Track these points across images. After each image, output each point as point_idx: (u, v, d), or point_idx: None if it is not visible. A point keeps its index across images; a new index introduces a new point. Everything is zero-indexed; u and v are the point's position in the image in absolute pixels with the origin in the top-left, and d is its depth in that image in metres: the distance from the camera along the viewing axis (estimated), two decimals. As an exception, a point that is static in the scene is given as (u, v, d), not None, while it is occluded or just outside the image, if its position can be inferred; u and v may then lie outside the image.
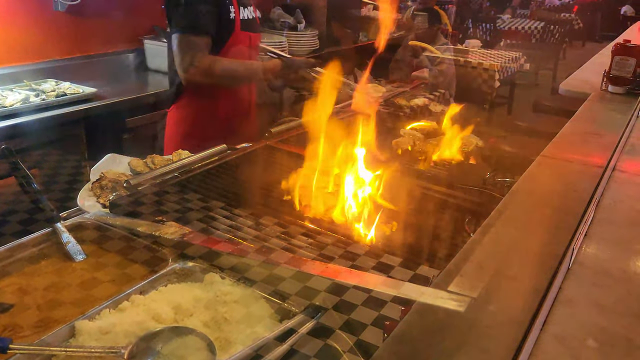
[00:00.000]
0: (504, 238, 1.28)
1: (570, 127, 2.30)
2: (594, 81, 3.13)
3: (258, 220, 1.41)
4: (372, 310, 1.09)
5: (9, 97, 2.68)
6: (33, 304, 1.15)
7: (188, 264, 1.20)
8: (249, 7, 2.38)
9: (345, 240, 1.38)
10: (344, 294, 1.10)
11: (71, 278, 1.21)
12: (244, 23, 2.32)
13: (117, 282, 1.20)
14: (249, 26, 2.36)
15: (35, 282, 1.21)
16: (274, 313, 1.11)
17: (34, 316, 1.11)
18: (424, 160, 2.02)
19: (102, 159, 1.83)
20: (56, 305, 1.13)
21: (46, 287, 1.19)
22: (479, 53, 6.08)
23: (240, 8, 2.31)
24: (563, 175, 1.71)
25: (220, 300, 1.11)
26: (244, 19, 2.32)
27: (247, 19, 2.35)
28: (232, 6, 2.25)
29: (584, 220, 1.36)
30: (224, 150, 1.86)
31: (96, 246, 1.33)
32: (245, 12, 2.34)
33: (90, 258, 1.29)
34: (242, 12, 2.32)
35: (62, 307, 1.13)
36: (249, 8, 2.38)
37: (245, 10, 2.35)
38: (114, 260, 1.27)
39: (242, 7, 2.32)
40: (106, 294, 1.15)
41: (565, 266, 1.20)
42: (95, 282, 1.20)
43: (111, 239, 1.33)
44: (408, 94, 3.80)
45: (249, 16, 2.36)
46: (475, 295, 0.95)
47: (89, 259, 1.28)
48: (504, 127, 4.00)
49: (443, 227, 1.69)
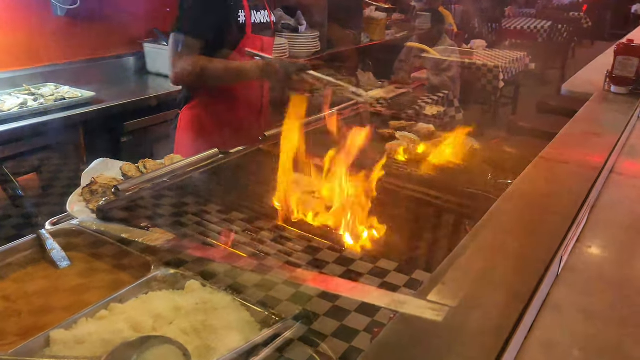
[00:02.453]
0: (493, 243, 1.26)
1: (570, 128, 2.26)
2: (598, 81, 3.09)
3: (246, 225, 1.40)
4: (364, 316, 1.07)
5: (7, 102, 2.69)
6: (16, 311, 1.14)
7: (170, 271, 1.19)
8: (262, 11, 2.37)
9: (341, 246, 1.37)
10: (329, 300, 1.08)
11: (53, 285, 1.20)
12: (256, 27, 2.31)
13: (99, 289, 1.19)
14: (261, 30, 2.35)
15: (19, 288, 1.20)
16: (255, 321, 1.09)
17: (17, 323, 1.10)
18: (420, 164, 1.99)
19: (93, 163, 1.83)
20: (37, 313, 1.12)
21: (31, 294, 1.19)
22: (484, 53, 6.04)
23: (253, 12, 2.30)
24: (559, 177, 1.68)
25: (200, 308, 1.10)
26: (256, 22, 2.32)
27: (259, 22, 2.34)
28: (242, 10, 2.24)
29: (576, 223, 1.33)
30: (216, 154, 1.85)
31: (80, 253, 1.32)
32: (257, 15, 2.33)
33: (74, 265, 1.28)
34: (254, 15, 2.31)
35: (41, 315, 1.12)
36: (262, 12, 2.37)
37: (258, 14, 2.34)
38: (97, 267, 1.26)
39: (254, 11, 2.31)
40: (87, 302, 1.14)
41: (554, 271, 1.18)
42: (77, 289, 1.19)
43: (95, 246, 1.32)
44: (409, 95, 3.77)
45: (262, 20, 2.36)
46: (455, 304, 0.93)
47: (73, 266, 1.27)
48: (507, 128, 3.97)
49: (440, 231, 1.67)
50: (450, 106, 4.43)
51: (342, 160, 1.74)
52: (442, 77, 4.41)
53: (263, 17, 2.36)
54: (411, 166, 1.92)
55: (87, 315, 1.05)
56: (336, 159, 1.78)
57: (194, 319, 1.08)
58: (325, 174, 1.69)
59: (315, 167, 1.71)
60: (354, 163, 1.81)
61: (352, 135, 1.70)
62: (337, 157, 1.80)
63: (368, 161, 1.86)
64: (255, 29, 2.29)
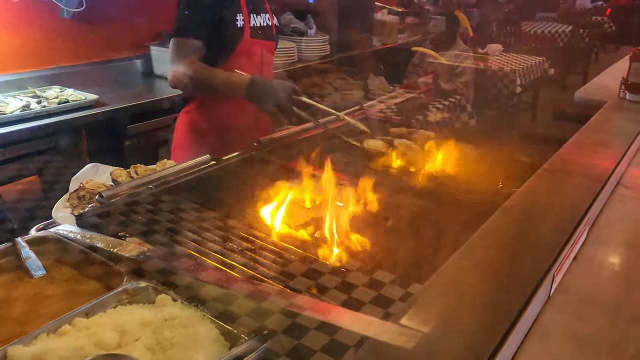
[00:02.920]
0: (482, 261, 1.19)
1: (580, 137, 2.18)
2: (613, 88, 2.99)
3: (230, 238, 1.35)
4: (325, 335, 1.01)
5: (10, 104, 2.69)
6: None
7: (141, 284, 1.15)
8: (262, 14, 2.32)
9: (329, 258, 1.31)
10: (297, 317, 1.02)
11: (19, 295, 1.17)
12: (255, 30, 2.26)
13: (68, 301, 1.15)
14: (261, 34, 2.29)
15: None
16: (224, 339, 1.04)
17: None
18: (419, 172, 1.93)
19: (84, 168, 1.80)
20: (3, 324, 1.09)
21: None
22: (500, 58, 5.92)
23: (252, 15, 2.24)
24: (560, 189, 1.60)
25: (168, 324, 1.05)
26: (255, 26, 2.26)
27: (258, 26, 2.28)
28: (240, 14, 2.19)
29: (573, 240, 1.25)
30: (207, 160, 1.81)
31: (54, 261, 1.28)
32: (257, 19, 2.28)
33: (48, 274, 1.24)
34: (254, 19, 2.26)
35: (9, 327, 1.09)
36: (262, 15, 2.31)
37: (258, 18, 2.28)
38: (68, 277, 1.23)
39: (253, 14, 2.25)
40: (53, 313, 1.10)
41: (545, 293, 1.11)
42: (45, 300, 1.15)
43: (69, 255, 1.28)
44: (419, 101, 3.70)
45: (261, 23, 2.30)
46: (428, 330, 0.87)
47: (47, 276, 1.24)
48: (521, 134, 3.86)
49: (440, 243, 1.61)
50: (463, 112, 4.34)
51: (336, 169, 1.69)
52: (454, 82, 4.32)
53: (263, 21, 2.31)
54: (408, 175, 1.86)
55: (49, 330, 1.01)
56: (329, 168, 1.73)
57: (161, 335, 1.03)
58: (317, 183, 1.64)
59: (308, 176, 1.66)
60: (348, 172, 1.76)
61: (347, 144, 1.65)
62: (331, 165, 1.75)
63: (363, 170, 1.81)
64: (254, 33, 2.24)
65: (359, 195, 1.62)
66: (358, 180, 1.65)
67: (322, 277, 1.20)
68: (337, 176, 1.65)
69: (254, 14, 2.25)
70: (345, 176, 1.73)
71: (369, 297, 1.14)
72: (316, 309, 0.96)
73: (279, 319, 1.02)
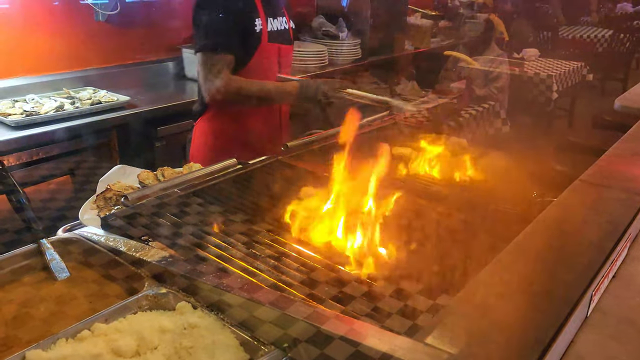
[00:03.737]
0: (514, 277, 1.13)
1: (619, 148, 2.08)
2: (655, 96, 2.87)
3: (254, 244, 1.32)
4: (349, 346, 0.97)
5: (45, 105, 2.74)
6: (3, 322, 1.11)
7: (161, 290, 1.13)
8: (279, 18, 2.31)
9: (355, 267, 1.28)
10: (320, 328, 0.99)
11: (42, 296, 1.17)
12: (273, 35, 2.25)
13: (88, 304, 1.14)
14: (278, 37, 2.29)
15: (10, 299, 1.18)
16: (243, 350, 1.01)
17: (1, 337, 1.07)
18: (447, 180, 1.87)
19: (111, 169, 1.81)
20: (19, 324, 1.09)
21: (20, 306, 1.16)
22: (536, 63, 5.78)
23: (269, 19, 2.24)
24: (598, 203, 1.52)
25: (188, 332, 1.04)
26: (273, 30, 2.26)
27: (276, 30, 2.28)
28: (258, 19, 2.19)
29: (612, 258, 1.19)
30: (234, 164, 1.79)
31: (76, 264, 1.28)
32: (274, 23, 2.27)
33: (71, 277, 1.24)
34: (271, 23, 2.25)
35: (31, 328, 1.08)
36: (279, 19, 2.31)
37: (275, 21, 2.28)
38: (89, 280, 1.22)
39: (270, 18, 2.25)
40: (73, 316, 1.09)
41: (582, 314, 1.05)
42: (67, 302, 1.15)
43: (91, 257, 1.28)
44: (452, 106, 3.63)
45: (279, 27, 2.29)
46: (456, 351, 0.82)
47: (71, 278, 1.24)
48: (557, 143, 3.75)
49: (469, 253, 1.55)
50: (496, 118, 4.24)
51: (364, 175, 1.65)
52: (488, 87, 4.22)
53: (280, 24, 2.29)
54: (438, 183, 1.81)
55: (68, 334, 1.00)
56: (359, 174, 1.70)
57: (179, 344, 1.01)
58: (344, 189, 1.61)
59: (334, 182, 1.62)
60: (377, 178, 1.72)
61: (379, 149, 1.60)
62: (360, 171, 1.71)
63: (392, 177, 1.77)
64: (271, 37, 2.23)
65: (387, 203, 1.58)
66: (386, 187, 1.61)
67: (346, 286, 1.17)
68: (364, 182, 1.61)
69: (271, 17, 2.24)
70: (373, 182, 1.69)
71: (395, 308, 1.11)
72: (339, 322, 0.92)
73: (301, 329, 0.98)
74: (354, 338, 0.86)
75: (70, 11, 3.15)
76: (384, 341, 0.86)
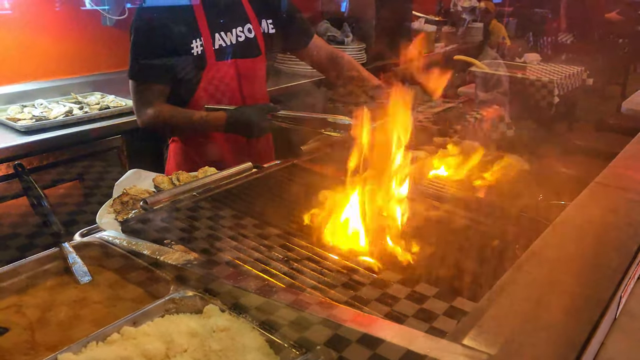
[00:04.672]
0: (540, 279, 1.13)
1: (631, 150, 2.09)
2: (662, 99, 2.88)
3: (276, 247, 1.32)
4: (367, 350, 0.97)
5: (54, 110, 2.74)
6: (29, 326, 1.11)
7: (188, 293, 1.13)
8: (236, 29, 2.09)
9: (374, 269, 1.28)
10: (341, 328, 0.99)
11: (69, 301, 1.16)
12: (223, 50, 2.05)
13: (115, 308, 1.14)
14: (235, 52, 2.08)
15: (36, 303, 1.17)
16: (274, 353, 1.01)
17: (26, 340, 1.06)
18: (464, 184, 1.88)
19: (126, 173, 1.81)
20: (49, 330, 1.09)
21: (46, 310, 1.15)
22: (538, 67, 5.80)
23: (218, 34, 2.03)
24: (617, 205, 1.53)
25: (217, 335, 1.03)
26: (224, 45, 2.06)
27: (230, 44, 2.06)
28: (197, 39, 1.98)
29: (637, 260, 1.19)
30: (249, 168, 1.79)
31: (100, 267, 1.28)
32: (227, 37, 2.06)
33: (94, 280, 1.24)
34: (221, 38, 2.05)
35: (53, 332, 1.08)
36: (235, 30, 2.09)
37: (228, 35, 2.06)
38: (115, 284, 1.22)
39: (221, 33, 2.04)
40: (101, 320, 1.09)
41: (611, 316, 1.05)
42: (93, 306, 1.15)
43: (115, 261, 1.28)
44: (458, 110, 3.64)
45: (233, 40, 2.07)
46: (494, 352, 0.82)
47: (92, 282, 1.23)
48: (562, 146, 3.75)
49: (484, 256, 1.55)
50: (501, 122, 4.25)
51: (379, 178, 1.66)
52: (492, 92, 4.23)
53: (237, 37, 2.09)
54: (454, 186, 1.81)
55: (98, 338, 1.00)
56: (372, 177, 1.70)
57: (209, 347, 1.01)
58: (361, 192, 1.61)
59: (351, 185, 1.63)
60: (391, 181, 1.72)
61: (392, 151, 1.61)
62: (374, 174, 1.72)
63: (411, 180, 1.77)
64: (221, 54, 2.04)
65: (403, 205, 1.58)
66: (402, 190, 1.61)
67: (363, 288, 1.17)
68: (379, 185, 1.62)
69: (222, 32, 2.05)
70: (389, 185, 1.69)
71: (413, 310, 1.11)
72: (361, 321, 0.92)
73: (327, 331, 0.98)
74: (398, 342, 0.86)
75: (77, 16, 3.16)
76: (422, 343, 0.85)
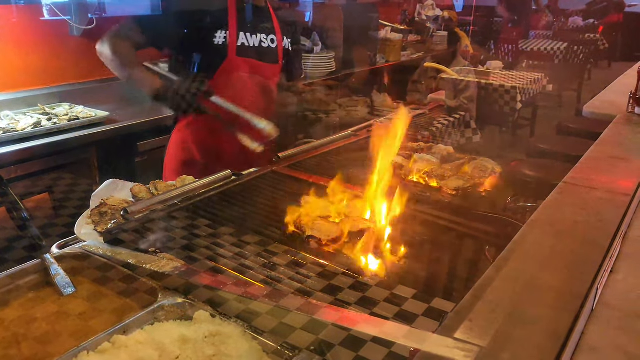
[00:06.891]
0: (521, 275, 1.18)
1: (595, 151, 2.19)
2: (620, 103, 3.02)
3: (259, 251, 1.33)
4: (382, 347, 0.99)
5: (21, 121, 2.67)
6: (15, 340, 1.08)
7: (177, 300, 1.13)
8: (260, 35, 2.25)
9: (355, 272, 1.30)
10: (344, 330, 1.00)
11: (55, 312, 1.14)
12: (244, 49, 2.19)
13: (104, 318, 1.13)
14: (253, 54, 2.22)
15: (20, 316, 1.15)
16: (267, 355, 1.02)
17: (17, 354, 1.04)
18: (439, 187, 1.92)
19: (103, 184, 1.78)
20: (38, 342, 1.07)
21: (32, 322, 1.13)
22: (501, 74, 5.97)
23: (243, 34, 2.19)
24: (587, 203, 1.60)
25: (209, 341, 1.03)
26: (245, 45, 2.20)
27: (251, 46, 2.22)
28: (222, 31, 2.14)
29: (610, 254, 1.25)
30: (228, 176, 1.80)
31: (85, 278, 1.26)
32: (251, 39, 2.22)
33: (78, 291, 1.22)
34: (246, 38, 2.20)
35: (42, 344, 1.06)
36: (260, 35, 2.25)
37: (253, 37, 2.23)
38: (102, 294, 1.20)
39: (247, 33, 2.20)
40: (91, 330, 1.08)
41: (589, 307, 1.10)
42: (81, 317, 1.13)
43: (101, 271, 1.26)
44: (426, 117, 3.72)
45: (256, 44, 2.24)
46: (485, 344, 0.86)
47: (77, 292, 1.22)
48: (527, 150, 3.88)
49: (459, 257, 1.60)
50: (467, 127, 4.36)
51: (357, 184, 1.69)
52: (459, 98, 4.34)
53: (259, 41, 2.24)
54: (429, 189, 1.85)
55: (89, 348, 0.98)
56: (351, 181, 1.73)
57: (202, 353, 1.01)
58: (342, 197, 1.64)
59: (332, 191, 1.65)
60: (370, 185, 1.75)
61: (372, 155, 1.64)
62: (353, 179, 1.75)
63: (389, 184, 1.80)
64: (241, 52, 2.17)
65: (382, 210, 1.61)
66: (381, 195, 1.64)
67: (342, 292, 1.19)
68: (359, 190, 1.65)
69: (246, 32, 2.20)
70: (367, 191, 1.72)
71: (392, 312, 1.13)
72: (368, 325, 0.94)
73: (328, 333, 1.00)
74: (385, 337, 0.88)
75: (44, 26, 3.09)
76: (416, 337, 0.88)
